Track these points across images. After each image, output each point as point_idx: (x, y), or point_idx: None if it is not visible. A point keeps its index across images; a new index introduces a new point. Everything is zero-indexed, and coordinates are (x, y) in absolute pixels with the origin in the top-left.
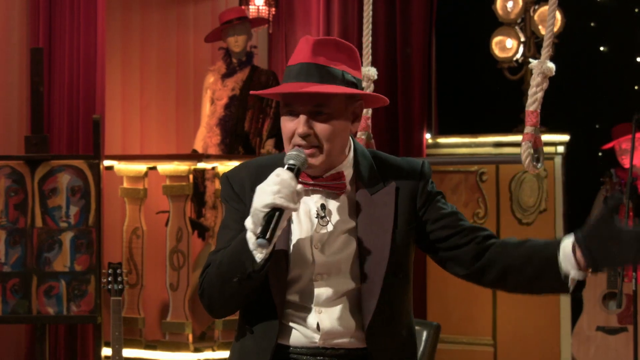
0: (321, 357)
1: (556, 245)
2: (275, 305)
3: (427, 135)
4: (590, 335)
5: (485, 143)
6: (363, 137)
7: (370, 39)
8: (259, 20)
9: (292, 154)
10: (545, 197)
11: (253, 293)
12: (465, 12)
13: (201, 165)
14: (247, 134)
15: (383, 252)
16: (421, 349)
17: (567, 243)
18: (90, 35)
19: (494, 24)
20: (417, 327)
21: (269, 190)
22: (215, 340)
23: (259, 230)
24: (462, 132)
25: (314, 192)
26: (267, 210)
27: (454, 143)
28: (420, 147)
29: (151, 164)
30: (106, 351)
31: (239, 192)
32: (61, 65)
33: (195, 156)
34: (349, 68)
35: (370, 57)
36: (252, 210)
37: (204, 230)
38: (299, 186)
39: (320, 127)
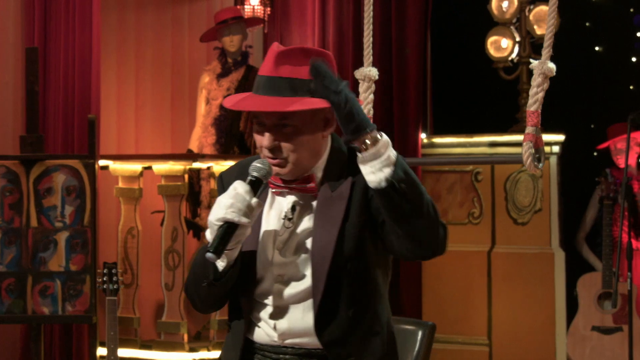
0: (283, 356)
1: None
2: (244, 304)
3: (423, 135)
4: (585, 335)
5: (480, 143)
6: None
7: (371, 39)
8: (254, 20)
9: (255, 166)
10: (540, 197)
11: (226, 295)
12: (460, 12)
13: (196, 165)
14: (243, 133)
15: (329, 247)
16: (416, 348)
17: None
18: (86, 35)
19: (489, 23)
20: (412, 327)
21: (223, 204)
22: (210, 340)
23: (208, 245)
24: (457, 132)
25: (289, 194)
26: (219, 223)
27: (450, 143)
28: (415, 146)
29: (146, 164)
30: (101, 351)
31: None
32: (56, 65)
33: (191, 156)
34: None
35: (371, 58)
36: (208, 221)
37: (199, 230)
38: (254, 200)
39: (287, 140)
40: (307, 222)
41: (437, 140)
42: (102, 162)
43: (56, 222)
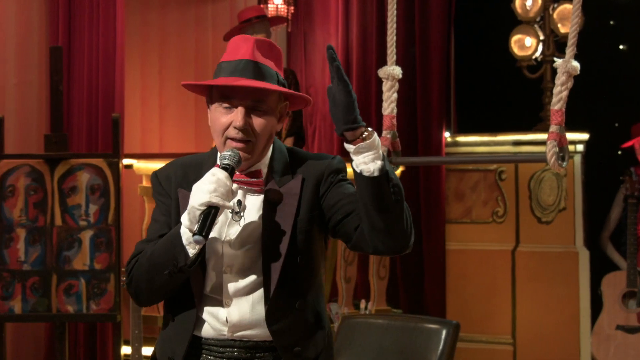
0: (230, 349)
1: None
2: (193, 297)
3: (446, 134)
4: (610, 334)
5: (504, 142)
6: (388, 135)
7: (394, 38)
8: (277, 19)
9: (226, 154)
10: (564, 196)
11: (178, 286)
12: (484, 11)
13: None
14: None
15: (283, 240)
16: (440, 347)
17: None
18: (110, 34)
19: (513, 22)
20: (436, 326)
21: (206, 189)
22: None
23: (196, 227)
24: (481, 131)
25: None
26: (203, 208)
27: (473, 142)
28: (439, 145)
29: None
30: (125, 349)
31: (165, 187)
32: (80, 64)
33: None
34: (278, 69)
35: (394, 57)
36: (188, 207)
37: None
38: (234, 185)
39: (257, 122)
40: (254, 216)
41: (461, 139)
42: (126, 161)
43: (80, 220)
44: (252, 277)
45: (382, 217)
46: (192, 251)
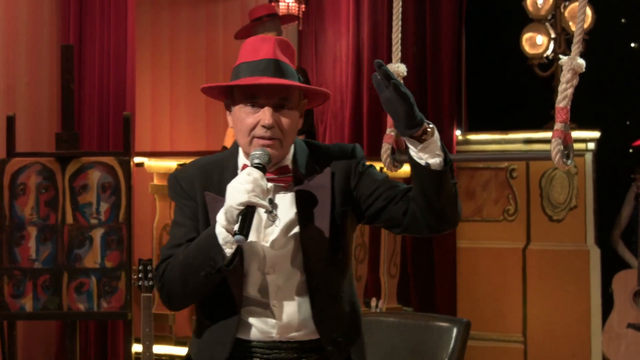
0: (277, 351)
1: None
2: (234, 300)
3: (457, 132)
4: (620, 332)
5: (515, 140)
6: (392, 133)
7: (399, 35)
8: (288, 17)
9: (256, 154)
10: (575, 194)
11: (212, 288)
12: (495, 9)
13: None
14: None
15: (323, 235)
16: (451, 345)
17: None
18: (120, 33)
19: (524, 20)
20: (446, 324)
21: (243, 189)
22: None
23: (236, 227)
24: (492, 129)
25: None
26: (241, 208)
27: (484, 140)
28: (450, 143)
29: (181, 161)
30: (136, 347)
31: (188, 190)
32: (91, 63)
33: None
34: (293, 65)
35: (399, 54)
36: (226, 207)
37: None
38: (269, 184)
39: (284, 119)
40: (288, 214)
41: (472, 137)
42: (137, 159)
43: (91, 219)
44: (296, 276)
45: (442, 204)
46: (229, 251)
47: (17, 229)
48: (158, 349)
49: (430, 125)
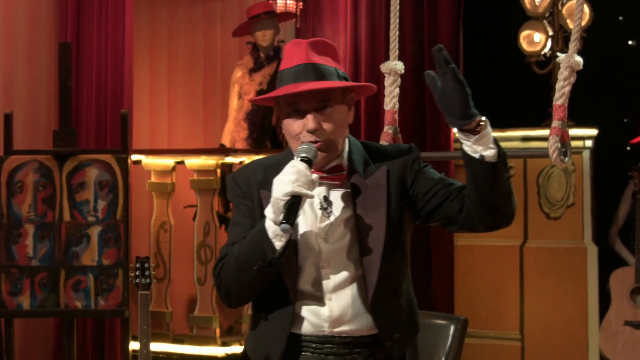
0: (329, 345)
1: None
2: (288, 295)
3: (455, 130)
4: (618, 330)
5: (512, 137)
6: (390, 131)
7: (397, 32)
8: (286, 15)
9: (303, 148)
10: (573, 192)
11: (268, 282)
12: (493, 6)
13: (229, 159)
14: (274, 128)
15: (379, 232)
16: (448, 343)
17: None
18: (118, 30)
19: (522, 17)
20: (444, 322)
21: (287, 180)
22: (242, 334)
23: (280, 217)
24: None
25: (319, 185)
26: (287, 198)
27: None
28: (447, 141)
29: (179, 159)
30: (134, 345)
31: (246, 190)
32: (89, 60)
33: (223, 150)
34: (336, 64)
35: (397, 52)
36: (272, 200)
37: None
38: (314, 175)
39: (327, 121)
40: (344, 210)
41: None
42: (134, 157)
43: (89, 216)
44: (350, 271)
45: (496, 198)
46: (278, 244)
47: (15, 227)
48: (155, 346)
49: (483, 117)
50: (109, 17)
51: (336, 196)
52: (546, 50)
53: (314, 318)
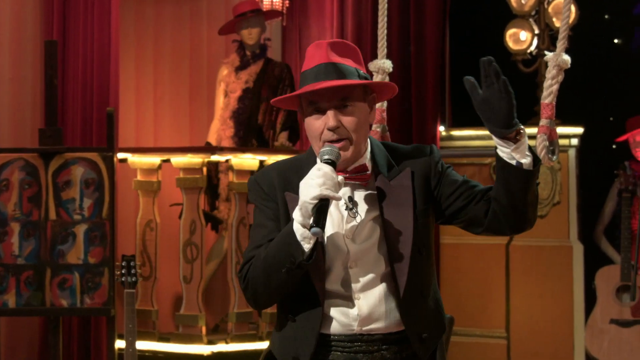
0: (358, 344)
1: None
2: (317, 295)
3: (441, 128)
4: (603, 328)
5: None
6: (378, 129)
7: (385, 31)
8: (272, 13)
9: (326, 150)
10: (559, 190)
11: (296, 284)
12: (479, 4)
13: (215, 157)
14: (261, 126)
15: (407, 233)
16: None
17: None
18: (104, 28)
19: (508, 16)
20: None
21: (314, 184)
22: (228, 332)
23: (311, 220)
24: (475, 125)
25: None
26: (315, 201)
27: (468, 135)
28: (433, 139)
29: (165, 157)
30: (119, 343)
31: (268, 192)
32: (75, 58)
33: (209, 149)
34: (357, 65)
35: (385, 50)
36: (300, 203)
37: (217, 222)
38: (340, 177)
39: (348, 119)
40: (370, 210)
41: (456, 132)
42: (120, 155)
43: (75, 214)
44: (379, 270)
45: (526, 204)
46: (307, 246)
47: (0, 225)
48: (141, 345)
49: (522, 126)
50: (95, 15)
51: (360, 196)
52: (532, 48)
53: (343, 318)
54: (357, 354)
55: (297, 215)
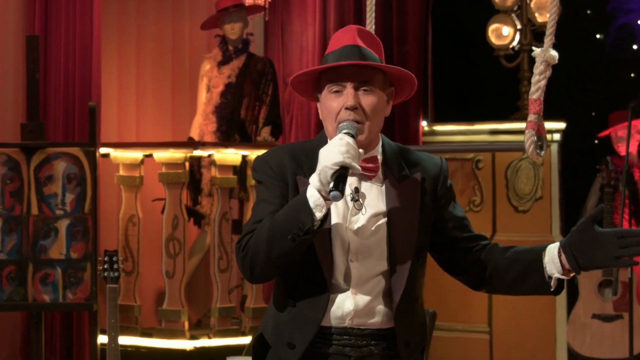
0: (347, 337)
1: (541, 249)
2: (322, 284)
3: (424, 123)
4: (585, 322)
5: (481, 131)
6: None
7: (373, 27)
8: (255, 8)
9: (345, 125)
10: (541, 185)
11: (298, 256)
12: (461, 0)
13: (197, 152)
14: (243, 121)
15: (411, 236)
16: None
17: (553, 247)
18: (86, 23)
19: (490, 11)
20: None
21: (337, 151)
22: (211, 327)
23: (331, 185)
24: (458, 120)
25: (350, 175)
26: (336, 168)
27: (450, 131)
28: (416, 134)
29: (147, 152)
30: (102, 339)
31: (277, 172)
32: (57, 53)
33: (192, 144)
34: (380, 56)
35: None
36: (319, 169)
37: (200, 217)
38: (360, 150)
39: (367, 100)
40: (377, 206)
41: (438, 128)
42: (102, 150)
43: (57, 209)
44: (378, 268)
45: (520, 293)
46: (319, 214)
47: None
48: (123, 340)
49: None
50: (77, 10)
51: (367, 189)
52: (514, 43)
53: (337, 310)
54: (345, 347)
55: (314, 180)
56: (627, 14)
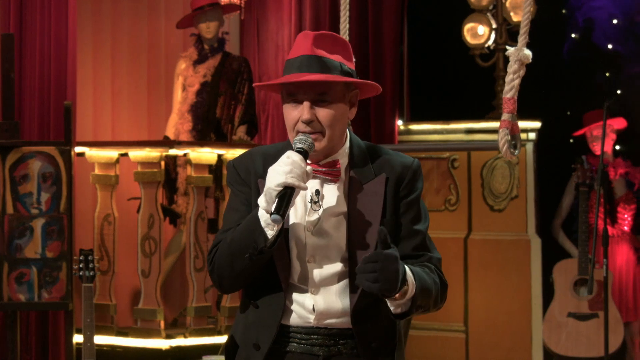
0: (315, 336)
1: None
2: (280, 286)
3: (399, 122)
4: (561, 321)
5: (456, 130)
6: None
7: (347, 26)
8: (230, 7)
9: (300, 139)
10: (516, 184)
11: (259, 270)
12: None
13: (173, 151)
14: (219, 120)
15: (371, 237)
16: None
17: None
18: (62, 22)
19: (466, 10)
20: None
21: (281, 171)
22: (187, 327)
23: (272, 207)
24: (433, 119)
25: (312, 178)
26: (279, 189)
27: (426, 130)
28: (392, 133)
29: (123, 151)
30: (77, 338)
31: (244, 177)
32: (32, 52)
33: (167, 143)
34: (344, 60)
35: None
36: (265, 189)
37: (175, 216)
38: (308, 167)
39: (323, 113)
40: (337, 207)
41: (414, 127)
42: (78, 149)
43: (32, 209)
44: (337, 267)
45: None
46: (270, 232)
47: None
48: (99, 339)
49: (410, 285)
50: (52, 9)
51: (329, 191)
52: (490, 43)
53: (300, 310)
54: (313, 346)
55: (261, 201)
56: (591, 10)
